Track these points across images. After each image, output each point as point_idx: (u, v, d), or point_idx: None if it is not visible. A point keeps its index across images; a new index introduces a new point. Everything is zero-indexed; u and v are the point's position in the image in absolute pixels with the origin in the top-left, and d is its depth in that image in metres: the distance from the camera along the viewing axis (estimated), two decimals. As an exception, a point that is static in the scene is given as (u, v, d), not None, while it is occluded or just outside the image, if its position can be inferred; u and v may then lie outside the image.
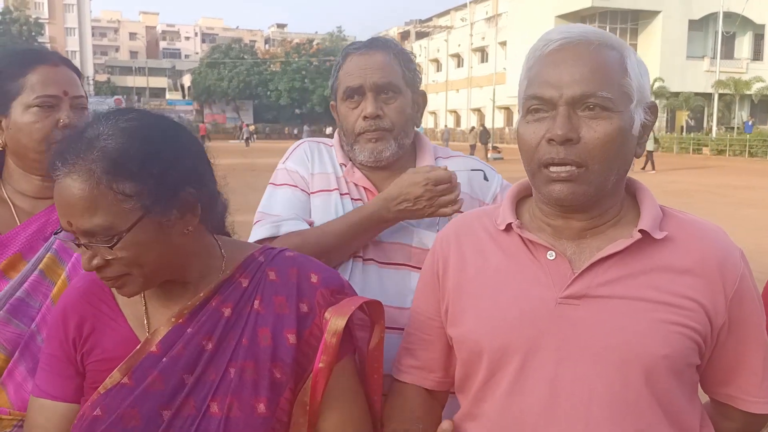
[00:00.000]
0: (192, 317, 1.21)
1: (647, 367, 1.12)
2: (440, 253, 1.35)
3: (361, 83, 1.73)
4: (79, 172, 1.09)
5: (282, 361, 1.21)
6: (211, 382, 1.18)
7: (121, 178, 1.09)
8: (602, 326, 1.14)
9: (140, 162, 1.10)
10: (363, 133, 1.74)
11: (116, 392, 1.17)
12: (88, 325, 1.25)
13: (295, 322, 1.23)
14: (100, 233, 1.10)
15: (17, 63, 1.56)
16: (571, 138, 1.11)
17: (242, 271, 1.27)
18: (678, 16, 38.80)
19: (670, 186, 16.08)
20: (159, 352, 1.19)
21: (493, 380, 1.22)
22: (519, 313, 1.19)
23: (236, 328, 1.22)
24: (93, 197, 1.08)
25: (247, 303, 1.24)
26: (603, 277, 1.16)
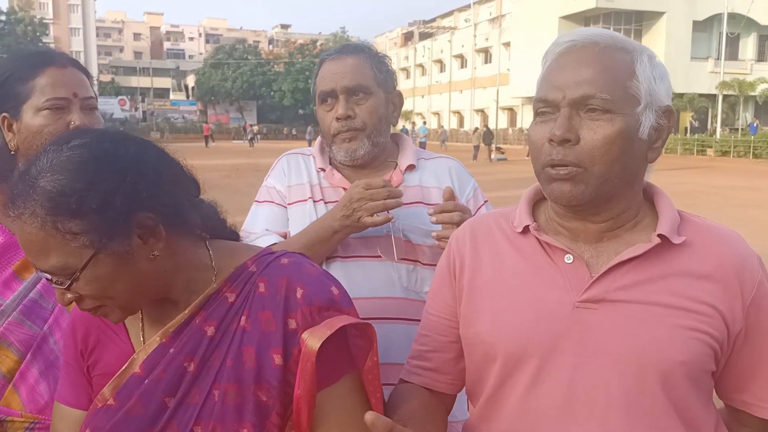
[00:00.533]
0: (175, 336, 1.15)
1: (664, 373, 1.11)
2: (456, 253, 1.34)
3: (333, 87, 1.82)
4: (26, 215, 1.03)
5: (268, 383, 1.11)
6: (194, 406, 1.11)
7: (62, 218, 1.02)
8: (620, 331, 1.13)
9: (78, 198, 1.01)
10: (338, 134, 1.83)
11: (103, 412, 1.14)
12: (93, 337, 1.23)
13: (281, 341, 1.11)
14: (57, 273, 1.05)
15: (26, 65, 1.56)
16: (569, 139, 1.12)
17: (230, 284, 1.17)
18: (682, 17, 38.73)
19: (675, 187, 16.04)
20: (142, 374, 1.14)
21: (507, 383, 1.21)
22: (536, 316, 1.18)
23: (221, 348, 1.13)
24: (42, 239, 1.03)
25: (233, 320, 1.14)
26: (621, 281, 1.15)
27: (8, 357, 1.48)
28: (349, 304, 1.19)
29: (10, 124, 1.57)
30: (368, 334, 1.17)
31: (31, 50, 1.65)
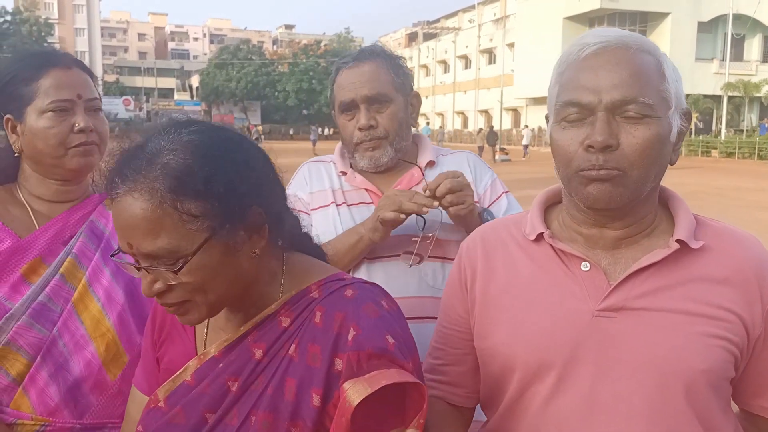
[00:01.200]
0: (228, 351, 1.10)
1: (687, 382, 1.10)
2: (467, 263, 1.31)
3: (353, 97, 1.83)
4: (141, 191, 0.98)
5: (303, 422, 1.03)
6: (232, 428, 1.05)
7: (185, 197, 0.98)
8: (641, 339, 1.11)
9: (205, 179, 0.99)
10: (360, 143, 1.85)
11: (153, 413, 1.13)
12: (166, 330, 1.22)
13: (323, 381, 1.03)
14: (163, 256, 0.99)
15: (30, 67, 1.55)
16: (611, 144, 1.09)
17: (289, 307, 1.10)
18: (687, 18, 38.61)
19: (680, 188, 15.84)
20: (192, 383, 1.11)
21: (526, 395, 1.19)
22: (554, 326, 1.16)
23: (266, 373, 1.07)
24: (157, 218, 0.98)
25: (283, 346, 1.08)
26: (640, 288, 1.13)
27: (18, 360, 1.48)
28: (404, 356, 1.06)
29: (14, 126, 1.56)
30: (420, 394, 1.02)
31: (35, 51, 1.64)
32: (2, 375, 1.48)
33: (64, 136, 1.53)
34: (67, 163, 1.55)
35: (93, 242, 1.59)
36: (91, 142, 1.56)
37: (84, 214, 1.61)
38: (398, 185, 1.89)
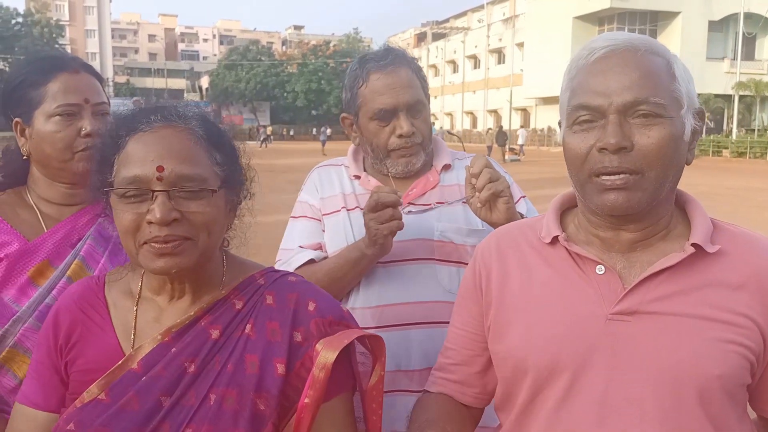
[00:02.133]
0: (178, 336, 1.16)
1: (701, 388, 1.08)
2: (482, 265, 1.31)
3: (395, 104, 1.79)
4: (181, 128, 1.15)
5: (267, 392, 1.13)
6: (189, 407, 1.12)
7: (214, 146, 1.18)
8: (655, 344, 1.10)
9: (227, 142, 1.21)
10: (397, 150, 1.82)
11: (92, 408, 1.12)
12: (77, 332, 1.21)
13: (286, 351, 1.15)
14: (197, 181, 1.12)
15: (38, 71, 1.56)
16: (625, 146, 1.08)
17: (239, 292, 1.21)
18: (698, 17, 38.41)
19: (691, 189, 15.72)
20: (140, 371, 1.14)
21: (539, 398, 1.19)
22: (568, 329, 1.15)
23: (223, 352, 1.15)
24: (195, 150, 1.14)
25: (238, 326, 1.18)
26: (655, 292, 1.12)
27: (25, 362, 1.47)
28: (356, 322, 1.25)
29: (22, 130, 1.57)
30: (380, 346, 1.21)
31: (43, 55, 1.64)
32: (9, 377, 1.49)
33: (70, 140, 1.54)
34: (73, 166, 1.56)
35: (101, 245, 1.59)
36: None
37: (92, 217, 1.61)
38: (413, 188, 1.87)
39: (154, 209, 1.09)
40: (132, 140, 1.13)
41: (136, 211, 1.10)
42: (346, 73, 1.90)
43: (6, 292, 1.50)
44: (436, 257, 1.79)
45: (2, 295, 1.50)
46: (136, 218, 1.10)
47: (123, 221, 1.11)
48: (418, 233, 1.79)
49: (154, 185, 1.10)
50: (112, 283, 1.26)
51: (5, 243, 1.52)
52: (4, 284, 1.50)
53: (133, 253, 1.14)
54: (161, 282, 1.20)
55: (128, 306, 1.22)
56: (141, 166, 1.10)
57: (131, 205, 1.11)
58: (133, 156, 1.12)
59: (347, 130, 1.93)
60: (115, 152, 1.15)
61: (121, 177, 1.12)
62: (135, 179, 1.11)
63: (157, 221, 1.08)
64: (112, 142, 1.16)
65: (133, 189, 1.11)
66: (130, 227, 1.11)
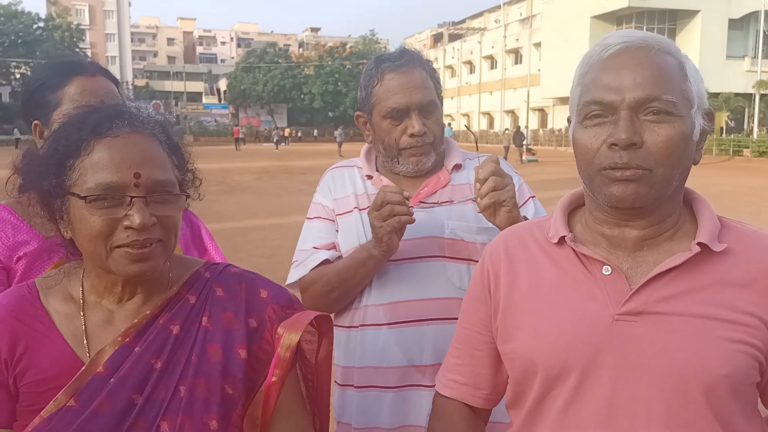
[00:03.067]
0: (139, 336, 1.18)
1: (708, 387, 1.08)
2: (490, 266, 1.32)
3: (407, 103, 1.81)
4: (146, 134, 1.18)
5: (233, 377, 1.20)
6: (161, 401, 1.15)
7: (172, 151, 1.22)
8: (661, 344, 1.11)
9: (181, 146, 1.26)
10: (408, 149, 1.84)
11: (62, 416, 1.11)
12: (22, 344, 1.17)
13: (245, 338, 1.23)
14: (167, 187, 1.17)
15: (56, 74, 1.61)
16: (635, 142, 1.09)
17: (189, 287, 1.26)
18: (718, 16, 37.97)
19: (711, 188, 15.73)
20: (106, 373, 1.14)
21: (547, 398, 1.20)
22: (575, 330, 1.16)
23: (185, 346, 1.20)
24: (162, 155, 1.19)
25: (195, 320, 1.23)
26: (661, 292, 1.13)
27: None
28: (302, 306, 1.36)
29: (41, 132, 1.62)
30: (327, 324, 1.34)
31: (62, 60, 1.70)
32: None
33: None
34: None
35: None
36: None
37: None
38: (424, 188, 1.89)
39: (133, 215, 1.11)
40: (99, 145, 1.13)
41: (110, 217, 1.12)
42: (362, 73, 1.94)
43: None
44: (446, 255, 1.82)
45: None
46: (109, 223, 1.12)
47: (94, 226, 1.12)
48: (428, 231, 1.82)
49: (130, 191, 1.12)
50: (47, 290, 1.24)
51: (24, 242, 1.56)
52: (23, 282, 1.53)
53: (102, 256, 1.14)
54: (110, 285, 1.21)
55: (72, 312, 1.21)
56: (117, 173, 1.12)
57: (103, 210, 1.12)
58: (104, 162, 1.13)
59: (361, 128, 1.97)
60: (75, 156, 1.14)
61: (93, 183, 1.12)
62: (111, 185, 1.12)
63: (137, 226, 1.11)
64: (72, 146, 1.15)
65: (109, 195, 1.12)
66: (103, 232, 1.12)
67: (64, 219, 1.18)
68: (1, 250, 1.54)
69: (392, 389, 1.81)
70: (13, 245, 1.55)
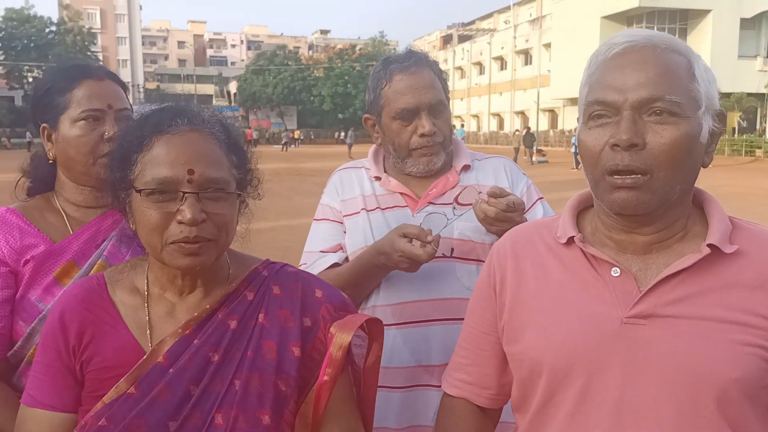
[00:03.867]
0: (198, 329, 1.22)
1: (719, 391, 1.06)
2: (497, 265, 1.31)
3: (417, 104, 1.82)
4: (205, 132, 1.20)
5: (287, 374, 1.22)
6: (217, 394, 1.18)
7: (232, 150, 1.24)
8: (671, 347, 1.09)
9: (241, 146, 1.28)
10: (418, 149, 1.85)
11: (122, 402, 1.16)
12: (89, 332, 1.23)
13: (299, 336, 1.25)
14: (220, 185, 1.19)
15: (65, 78, 1.62)
16: (637, 143, 1.07)
17: (247, 284, 1.29)
18: (729, 15, 37.71)
19: (723, 189, 15.60)
20: (166, 363, 1.19)
21: (553, 401, 1.18)
22: (583, 332, 1.14)
23: (241, 341, 1.23)
24: (219, 154, 1.21)
25: (252, 316, 1.25)
26: (671, 295, 1.11)
27: None
28: (354, 308, 1.37)
29: (49, 134, 1.63)
30: (378, 329, 1.33)
31: (70, 63, 1.71)
32: None
33: (94, 145, 1.59)
34: (96, 171, 1.60)
35: (124, 245, 1.63)
36: None
37: (116, 218, 1.65)
38: (433, 189, 1.89)
39: (185, 210, 1.14)
40: (159, 141, 1.18)
41: (165, 210, 1.16)
42: (370, 76, 1.95)
43: (32, 292, 1.55)
44: (455, 255, 1.82)
45: (29, 295, 1.55)
46: (164, 217, 1.16)
47: (150, 219, 1.16)
48: (437, 232, 1.80)
49: (183, 186, 1.16)
50: (115, 282, 1.29)
51: (32, 245, 1.57)
52: (31, 285, 1.55)
53: (157, 249, 1.18)
54: (171, 278, 1.25)
55: (137, 303, 1.26)
56: (171, 168, 1.16)
57: (159, 204, 1.16)
58: (161, 157, 1.17)
59: (369, 130, 1.97)
60: (138, 151, 1.19)
61: (150, 177, 1.17)
62: (165, 180, 1.16)
63: (187, 222, 1.14)
64: (135, 141, 1.20)
65: (163, 189, 1.16)
66: (158, 225, 1.16)
67: (129, 212, 1.23)
68: (9, 253, 1.55)
69: (400, 389, 1.81)
70: (20, 248, 1.56)
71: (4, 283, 1.54)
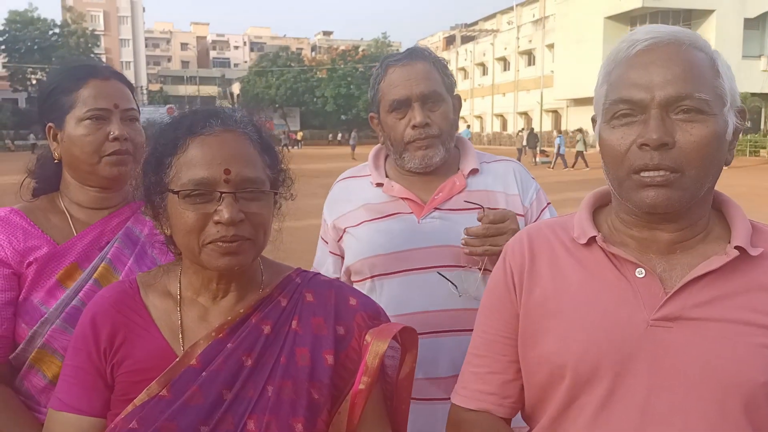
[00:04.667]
0: (232, 333, 1.21)
1: (746, 396, 1.04)
2: (512, 265, 1.26)
3: (408, 94, 1.78)
4: (238, 132, 1.20)
5: (320, 382, 1.20)
6: (249, 399, 1.17)
7: (265, 150, 1.24)
8: (698, 351, 1.07)
9: (273, 146, 1.28)
10: (412, 142, 1.80)
11: (154, 405, 1.15)
12: (121, 335, 1.23)
13: (333, 344, 1.24)
14: (257, 183, 1.19)
15: (71, 78, 1.61)
16: (667, 142, 1.05)
17: (280, 290, 1.28)
18: (733, 15, 37.62)
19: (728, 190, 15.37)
20: (198, 366, 1.18)
21: (574, 406, 1.15)
22: (607, 334, 1.12)
23: (275, 346, 1.22)
24: (254, 154, 1.21)
25: (285, 322, 1.24)
26: (698, 297, 1.08)
27: (53, 363, 1.51)
28: (388, 317, 1.35)
29: (55, 134, 1.62)
30: (412, 339, 1.29)
31: (76, 63, 1.70)
32: (39, 377, 1.52)
33: (99, 144, 1.58)
34: (100, 170, 1.60)
35: (128, 247, 1.62)
36: (124, 151, 1.60)
37: (121, 220, 1.65)
38: (439, 193, 1.85)
39: (222, 210, 1.14)
40: (194, 143, 1.18)
41: (202, 212, 1.16)
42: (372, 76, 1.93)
43: (35, 294, 1.53)
44: (461, 264, 1.77)
45: (32, 297, 1.53)
46: (201, 218, 1.16)
47: (188, 220, 1.16)
48: (442, 239, 1.78)
49: (220, 187, 1.15)
50: (147, 286, 1.29)
51: (35, 247, 1.56)
52: (33, 287, 1.54)
53: (195, 251, 1.18)
54: (206, 282, 1.25)
55: (169, 307, 1.26)
56: (208, 169, 1.15)
57: (196, 206, 1.16)
58: (197, 158, 1.17)
59: (375, 129, 1.94)
60: (172, 154, 1.19)
61: (186, 178, 1.16)
62: (202, 181, 1.15)
63: (225, 221, 1.14)
64: (170, 144, 1.19)
65: (200, 190, 1.15)
66: (196, 226, 1.16)
67: (164, 215, 1.22)
68: (12, 255, 1.53)
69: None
70: (24, 250, 1.54)
71: (6, 285, 1.53)
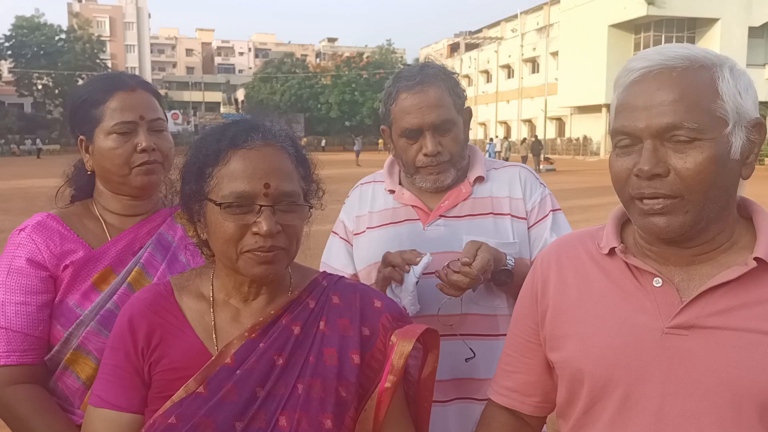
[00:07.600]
0: (264, 333, 1.27)
1: (761, 404, 1.06)
2: (540, 274, 1.32)
3: (420, 124, 1.80)
4: (277, 146, 1.26)
5: (347, 380, 1.26)
6: (281, 397, 1.23)
7: (300, 164, 1.30)
8: (713, 359, 1.08)
9: (307, 158, 1.34)
10: (424, 168, 1.84)
11: (191, 401, 1.21)
12: (157, 335, 1.28)
13: (358, 344, 1.29)
14: (293, 198, 1.25)
15: (98, 90, 1.65)
16: (659, 173, 1.07)
17: (308, 293, 1.34)
18: (737, 24, 37.61)
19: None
20: (233, 365, 1.24)
21: (594, 409, 1.19)
22: (623, 341, 1.15)
23: (304, 346, 1.28)
24: (290, 167, 1.27)
25: (314, 323, 1.30)
26: (714, 306, 1.10)
27: (87, 365, 1.56)
28: (411, 319, 1.41)
29: (87, 147, 1.67)
30: (434, 340, 1.34)
31: (104, 75, 1.75)
32: (73, 378, 1.57)
33: (127, 156, 1.62)
34: (131, 181, 1.64)
35: (160, 253, 1.67)
36: (153, 161, 1.64)
37: (153, 226, 1.70)
38: (445, 201, 1.88)
39: (261, 222, 1.20)
40: (236, 156, 1.23)
41: (241, 222, 1.21)
42: (384, 88, 1.94)
43: (71, 297, 1.58)
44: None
45: (67, 300, 1.58)
46: (240, 228, 1.22)
47: (227, 230, 1.22)
48: (447, 246, 1.80)
49: (260, 200, 1.21)
50: (181, 288, 1.35)
51: (71, 251, 1.61)
52: (69, 290, 1.58)
53: (233, 258, 1.24)
54: (238, 285, 1.30)
55: (203, 308, 1.32)
56: (249, 182, 1.21)
57: (236, 216, 1.22)
58: (239, 171, 1.22)
59: (387, 140, 1.97)
60: (214, 164, 1.24)
61: (228, 191, 1.22)
62: (243, 194, 1.21)
63: (264, 233, 1.20)
64: (212, 155, 1.25)
65: (240, 202, 1.21)
66: (235, 236, 1.22)
67: (201, 222, 1.28)
68: (49, 258, 1.58)
69: None
70: (60, 254, 1.59)
71: (43, 287, 1.57)
